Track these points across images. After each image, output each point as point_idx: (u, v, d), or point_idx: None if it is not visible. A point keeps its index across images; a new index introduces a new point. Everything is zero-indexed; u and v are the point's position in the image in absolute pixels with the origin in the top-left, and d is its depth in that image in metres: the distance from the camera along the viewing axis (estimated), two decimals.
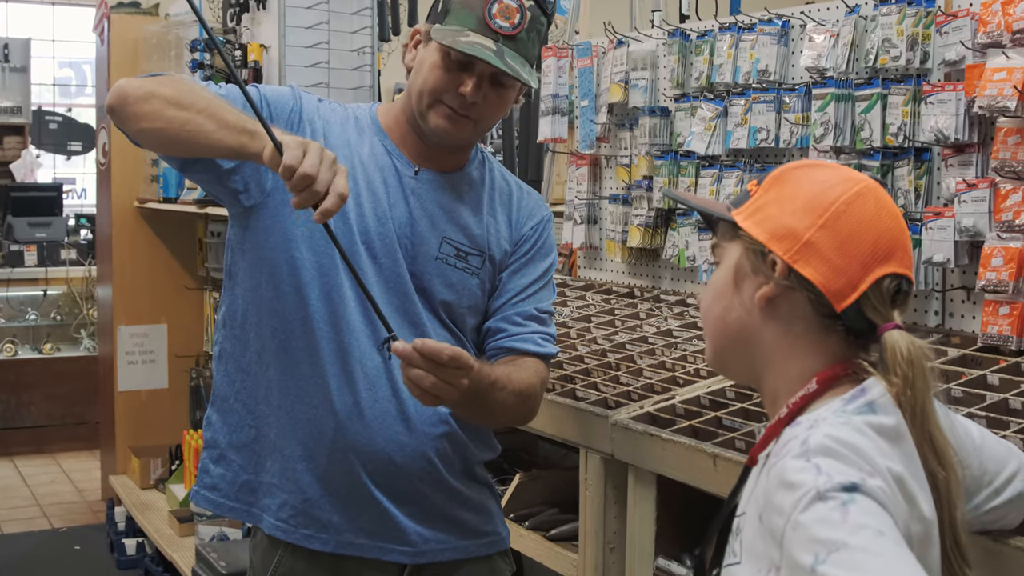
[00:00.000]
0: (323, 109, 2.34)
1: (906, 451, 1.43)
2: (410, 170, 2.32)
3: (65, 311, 8.67)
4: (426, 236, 2.30)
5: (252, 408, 2.34)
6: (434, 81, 2.22)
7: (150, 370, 6.70)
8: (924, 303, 2.83)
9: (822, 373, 1.50)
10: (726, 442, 2.41)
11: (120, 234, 6.61)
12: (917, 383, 1.45)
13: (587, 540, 2.76)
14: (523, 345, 2.36)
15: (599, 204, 4.01)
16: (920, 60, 2.79)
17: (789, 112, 3.13)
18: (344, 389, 2.25)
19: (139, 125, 2.17)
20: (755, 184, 1.60)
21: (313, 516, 2.30)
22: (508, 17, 2.19)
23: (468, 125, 2.26)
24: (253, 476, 2.36)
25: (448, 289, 2.32)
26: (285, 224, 2.25)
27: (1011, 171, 2.53)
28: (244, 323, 2.34)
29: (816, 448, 1.37)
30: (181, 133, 2.09)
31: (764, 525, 1.37)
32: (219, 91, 2.21)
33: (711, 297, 1.63)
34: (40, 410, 8.27)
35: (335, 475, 2.28)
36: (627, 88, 3.75)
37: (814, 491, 1.30)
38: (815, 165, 1.60)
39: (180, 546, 5.44)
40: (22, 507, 7.01)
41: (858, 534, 1.25)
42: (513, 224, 2.41)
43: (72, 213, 9.43)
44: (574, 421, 2.79)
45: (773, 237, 1.51)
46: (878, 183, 1.55)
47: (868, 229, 1.49)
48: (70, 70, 11.62)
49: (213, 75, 5.46)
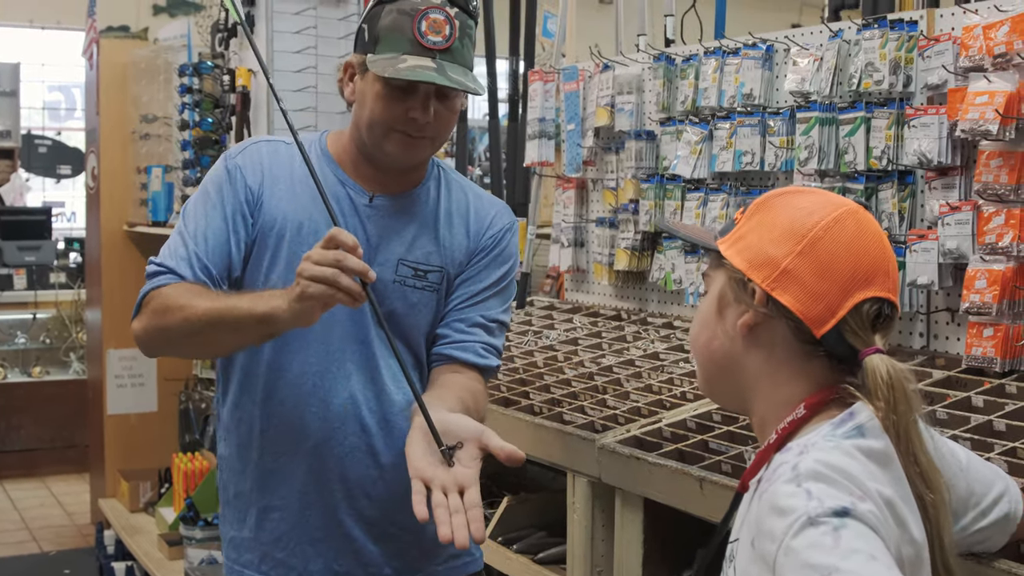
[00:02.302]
0: (265, 163, 2.30)
1: (895, 475, 1.43)
2: (364, 197, 2.31)
3: (54, 334, 8.66)
4: (382, 262, 2.29)
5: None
6: (381, 112, 2.20)
7: (139, 393, 6.70)
8: (909, 325, 2.85)
9: (809, 398, 1.51)
10: (713, 465, 2.41)
11: (109, 257, 6.62)
12: (899, 407, 1.46)
13: (575, 563, 2.76)
14: (462, 354, 2.33)
15: (586, 227, 4.03)
16: (903, 84, 2.81)
17: (774, 136, 3.14)
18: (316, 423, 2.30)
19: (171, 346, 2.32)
20: (741, 212, 1.61)
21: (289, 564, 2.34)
22: (438, 31, 2.17)
23: (425, 144, 2.26)
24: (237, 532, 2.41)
25: (411, 311, 2.32)
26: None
27: (994, 194, 2.55)
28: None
29: (806, 473, 1.38)
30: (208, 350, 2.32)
31: (756, 551, 1.38)
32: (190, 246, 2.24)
33: (698, 326, 1.64)
34: (29, 433, 8.26)
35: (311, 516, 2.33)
36: (613, 112, 3.76)
37: (805, 516, 1.31)
38: (799, 192, 1.60)
39: (169, 570, 5.43)
40: (11, 531, 7.00)
41: (850, 558, 1.26)
42: (471, 235, 2.38)
43: (61, 236, 9.44)
44: (561, 444, 2.79)
45: (752, 265, 1.52)
46: (862, 207, 1.56)
47: (847, 254, 1.49)
48: (59, 94, 11.64)
49: (202, 100, 5.48)
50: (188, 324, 2.14)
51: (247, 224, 2.26)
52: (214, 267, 2.22)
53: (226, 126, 5.41)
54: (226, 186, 2.27)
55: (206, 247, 2.23)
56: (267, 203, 2.26)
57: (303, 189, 2.27)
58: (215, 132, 5.47)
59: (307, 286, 1.95)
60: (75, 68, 9.16)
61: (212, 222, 2.24)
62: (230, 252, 2.24)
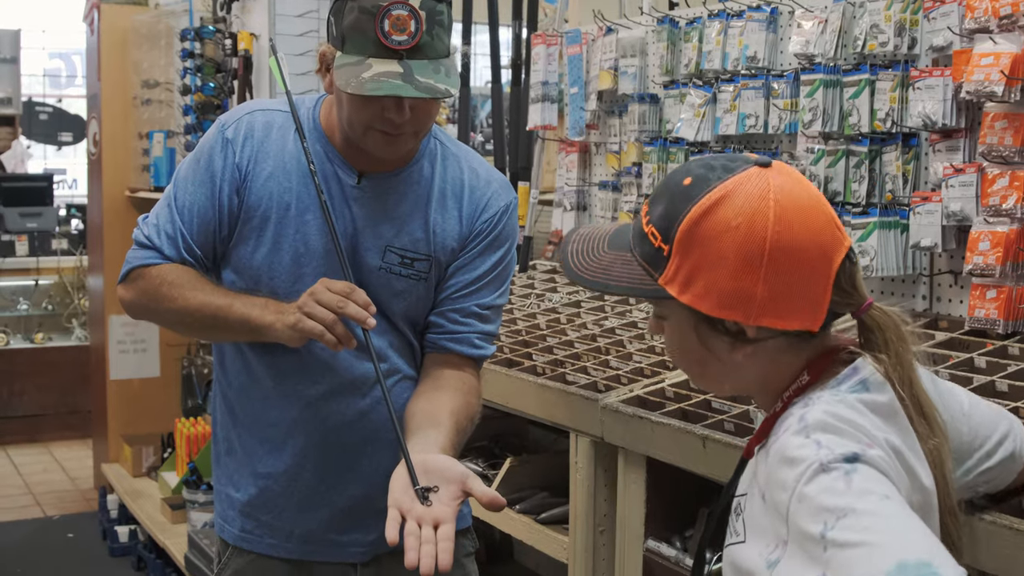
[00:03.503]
0: (256, 138, 2.26)
1: (901, 426, 1.44)
2: (352, 177, 2.24)
3: (56, 301, 8.67)
4: (368, 246, 2.24)
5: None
6: (357, 115, 2.12)
7: (142, 359, 6.71)
8: (912, 287, 2.85)
9: (812, 364, 1.51)
10: (715, 424, 2.42)
11: (111, 223, 6.63)
12: (901, 352, 1.48)
13: (577, 523, 2.78)
14: (457, 346, 2.30)
15: (589, 191, 4.03)
16: (908, 46, 2.81)
17: (778, 98, 3.14)
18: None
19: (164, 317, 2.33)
20: (647, 215, 1.52)
21: (271, 525, 2.35)
22: (403, 29, 2.03)
23: (407, 139, 2.17)
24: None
25: (395, 298, 2.27)
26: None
27: (998, 156, 2.54)
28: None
29: (814, 424, 1.38)
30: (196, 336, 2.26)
31: (768, 503, 1.39)
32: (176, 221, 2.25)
33: (680, 357, 1.59)
34: (32, 399, 8.28)
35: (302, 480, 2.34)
36: (616, 75, 3.76)
37: (817, 463, 1.32)
38: (716, 205, 1.45)
39: (173, 533, 5.46)
40: (15, 495, 7.02)
41: (864, 499, 1.27)
42: (465, 219, 2.30)
43: (63, 203, 9.43)
44: (564, 405, 2.80)
45: (724, 307, 1.46)
46: (771, 166, 1.47)
47: (805, 236, 1.44)
48: (60, 61, 11.63)
49: (204, 64, 5.47)
50: (179, 316, 2.22)
51: (232, 204, 2.24)
52: (199, 248, 2.24)
53: (228, 90, 5.41)
54: (217, 159, 2.24)
55: (192, 227, 2.23)
56: (255, 182, 2.23)
57: (294, 166, 2.23)
58: (217, 97, 5.46)
59: (303, 320, 2.03)
60: (76, 34, 9.13)
61: (199, 199, 2.24)
62: (214, 231, 2.25)
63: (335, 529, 2.33)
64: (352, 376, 2.27)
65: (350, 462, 2.30)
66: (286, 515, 2.33)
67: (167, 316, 2.27)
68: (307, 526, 2.33)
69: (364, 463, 2.30)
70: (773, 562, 1.35)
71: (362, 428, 2.29)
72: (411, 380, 2.31)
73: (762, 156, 1.50)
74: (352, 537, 2.33)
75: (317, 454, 2.30)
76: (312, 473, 2.31)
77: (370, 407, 2.28)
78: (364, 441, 2.29)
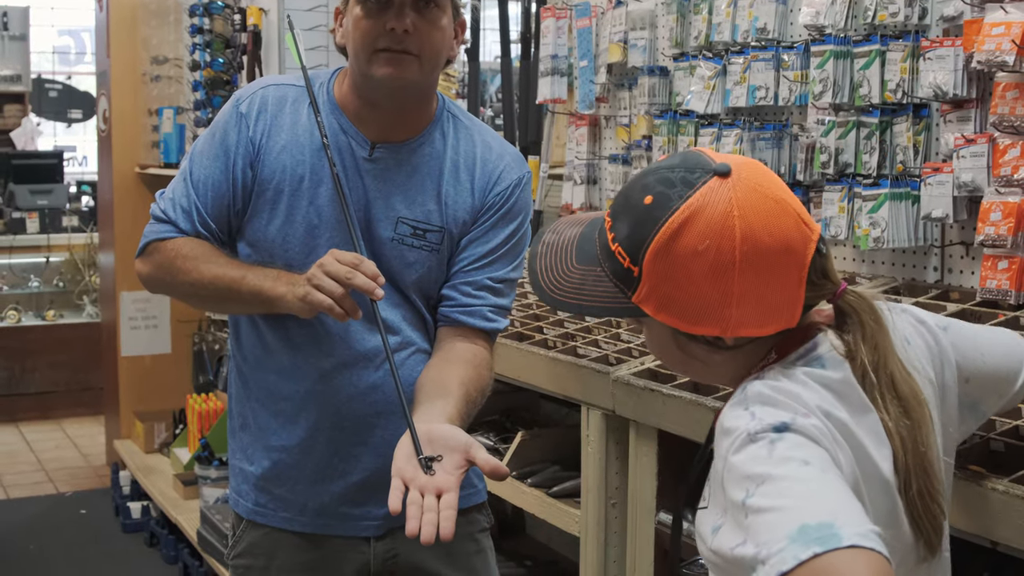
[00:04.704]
0: (270, 111, 2.29)
1: (855, 403, 1.45)
2: (364, 149, 2.26)
3: (68, 278, 8.68)
4: (380, 218, 2.26)
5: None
6: (362, 33, 2.17)
7: (153, 335, 6.73)
8: (923, 259, 2.85)
9: (779, 345, 1.51)
10: (726, 396, 2.41)
11: (122, 200, 6.64)
12: (876, 332, 1.49)
13: (589, 496, 2.79)
14: (469, 319, 2.30)
15: (599, 164, 4.02)
16: (918, 16, 2.79)
17: (788, 70, 3.13)
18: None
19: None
20: (621, 252, 1.50)
21: (284, 499, 2.36)
22: None
23: (412, 63, 2.18)
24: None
25: (407, 269, 2.28)
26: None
27: (1010, 126, 2.53)
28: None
29: (753, 396, 1.42)
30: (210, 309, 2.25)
31: (715, 472, 1.42)
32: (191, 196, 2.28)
33: (661, 358, 1.62)
34: (44, 376, 8.31)
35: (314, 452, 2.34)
36: (626, 48, 3.75)
37: (745, 434, 1.35)
38: (677, 227, 1.44)
39: (185, 509, 5.48)
40: (28, 472, 7.06)
41: (783, 465, 1.29)
42: (477, 191, 2.32)
43: (73, 180, 9.44)
44: (575, 378, 2.81)
45: (699, 324, 1.46)
46: (730, 174, 1.45)
47: (771, 241, 1.43)
48: (69, 38, 11.63)
49: (213, 40, 5.47)
50: (193, 288, 2.26)
51: (246, 178, 2.27)
52: (214, 221, 2.28)
53: (237, 66, 5.40)
54: (232, 133, 2.28)
55: (207, 201, 2.27)
56: (268, 155, 2.26)
57: (307, 139, 2.26)
58: (226, 72, 5.46)
59: (311, 292, 2.05)
60: (85, 11, 9.13)
61: (213, 174, 2.27)
62: (229, 205, 2.28)
63: (349, 502, 2.34)
64: (364, 349, 2.27)
65: (363, 435, 2.31)
66: (299, 488, 2.34)
67: (182, 289, 2.30)
68: (320, 499, 2.34)
69: (377, 436, 2.30)
70: (716, 527, 1.37)
71: (374, 401, 2.29)
72: (424, 353, 2.31)
73: (720, 164, 1.46)
74: (366, 510, 2.34)
75: (330, 427, 2.30)
76: (325, 446, 2.31)
77: (382, 380, 2.28)
78: (377, 414, 2.30)
